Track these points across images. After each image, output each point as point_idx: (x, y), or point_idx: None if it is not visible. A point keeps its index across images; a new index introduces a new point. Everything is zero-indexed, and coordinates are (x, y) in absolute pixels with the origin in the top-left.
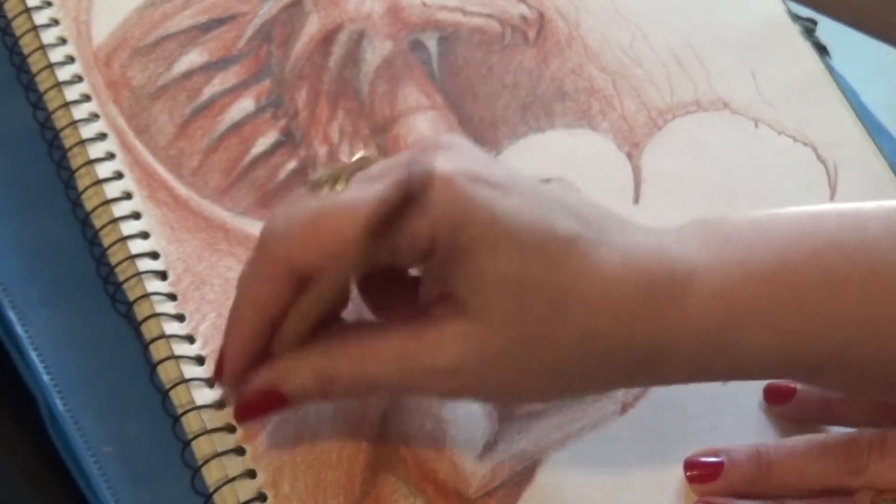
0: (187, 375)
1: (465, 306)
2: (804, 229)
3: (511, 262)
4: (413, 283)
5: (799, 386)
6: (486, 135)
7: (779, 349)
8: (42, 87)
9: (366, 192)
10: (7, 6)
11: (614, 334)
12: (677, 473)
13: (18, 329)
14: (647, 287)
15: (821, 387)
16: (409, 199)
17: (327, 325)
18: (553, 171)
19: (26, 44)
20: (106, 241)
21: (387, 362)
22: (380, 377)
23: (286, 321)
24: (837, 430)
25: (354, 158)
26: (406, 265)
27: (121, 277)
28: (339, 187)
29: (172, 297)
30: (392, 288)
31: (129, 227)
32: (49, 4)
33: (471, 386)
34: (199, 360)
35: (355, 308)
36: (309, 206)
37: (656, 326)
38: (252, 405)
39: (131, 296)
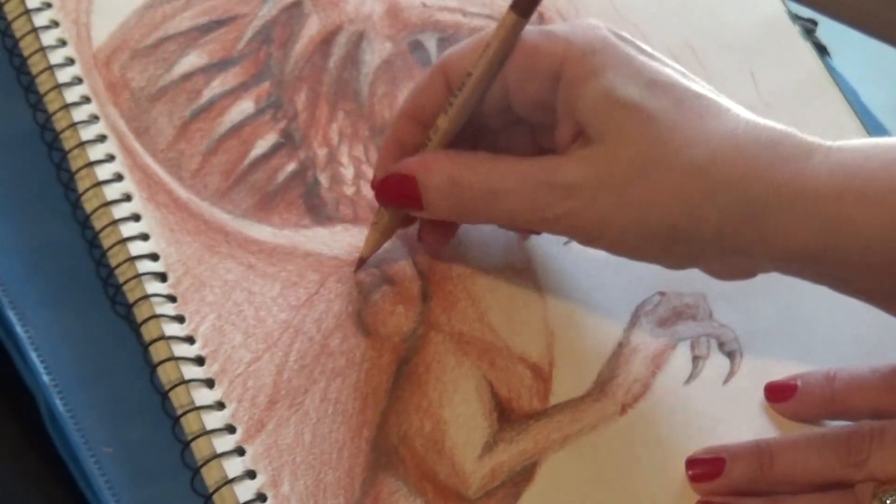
0: (187, 376)
1: (590, 129)
2: None
3: (638, 89)
4: None
5: (800, 382)
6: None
7: (888, 232)
8: (42, 89)
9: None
10: (7, 8)
11: (731, 175)
12: (677, 474)
13: (18, 329)
14: (771, 142)
15: None
16: None
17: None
18: None
19: (26, 45)
20: (106, 243)
21: (512, 175)
22: (506, 189)
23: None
24: (838, 425)
25: None
26: (537, 96)
27: (121, 279)
28: None
29: (172, 298)
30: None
31: (128, 229)
32: (49, 6)
33: (586, 209)
34: (199, 361)
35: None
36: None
37: (773, 178)
38: (389, 186)
39: (131, 297)
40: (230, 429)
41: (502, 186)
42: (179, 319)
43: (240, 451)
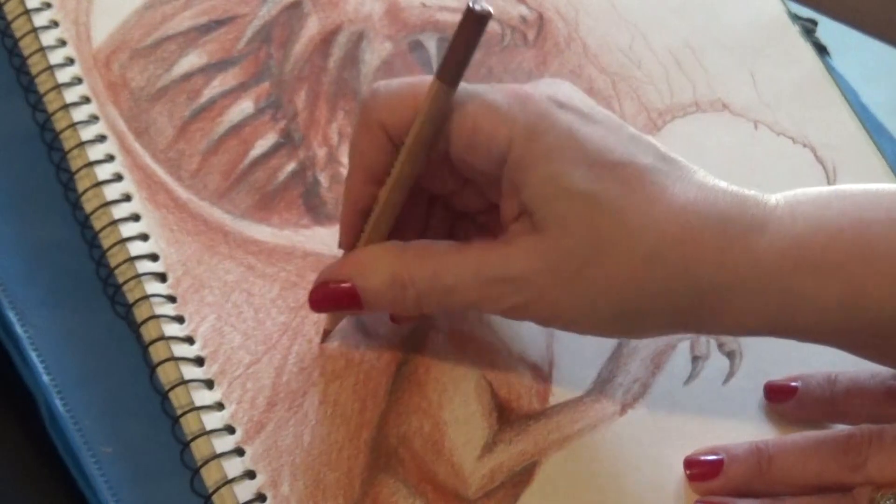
0: (186, 377)
1: (537, 217)
2: (884, 196)
3: (585, 177)
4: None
5: (800, 384)
6: None
7: (843, 302)
8: (42, 89)
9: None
10: (7, 8)
11: (680, 261)
12: (676, 474)
13: (18, 329)
14: (720, 221)
15: (871, 355)
16: (465, 25)
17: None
18: None
19: (26, 45)
20: (106, 243)
21: (461, 270)
22: (453, 285)
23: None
24: (837, 427)
25: None
26: (482, 169)
27: (120, 279)
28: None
29: (172, 298)
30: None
31: (128, 229)
32: (49, 6)
33: (537, 300)
34: (199, 362)
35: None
36: (405, 79)
37: (724, 261)
38: (325, 296)
39: (131, 297)
40: (230, 429)
41: (450, 283)
42: (179, 320)
43: (239, 452)
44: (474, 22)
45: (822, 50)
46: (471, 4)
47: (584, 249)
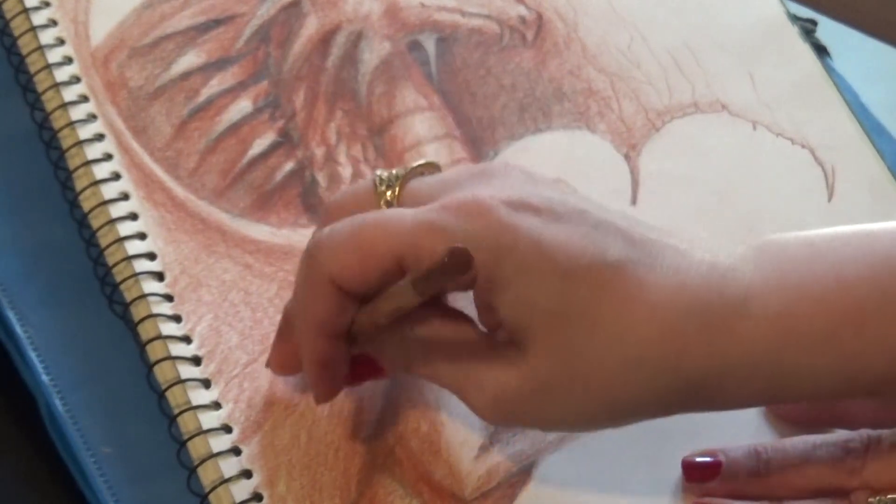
0: (183, 376)
1: (515, 337)
2: (860, 248)
3: (554, 291)
4: None
5: None
6: (483, 136)
7: (838, 372)
8: (40, 88)
9: (406, 218)
10: (5, 6)
11: (664, 362)
12: (674, 474)
13: (18, 329)
14: (700, 313)
15: (879, 403)
16: (446, 272)
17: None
18: (551, 173)
19: (25, 44)
20: (103, 242)
21: (447, 378)
22: (446, 385)
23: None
24: (835, 432)
25: (418, 163)
26: (453, 289)
27: (118, 278)
28: (388, 195)
29: (169, 297)
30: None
31: (126, 228)
32: (47, 5)
33: (518, 414)
34: (196, 361)
35: None
36: (350, 223)
37: (710, 353)
38: (354, 376)
39: (128, 296)
40: (226, 428)
41: (446, 384)
42: (176, 319)
43: (236, 451)
44: (459, 260)
45: (821, 50)
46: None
47: (563, 368)
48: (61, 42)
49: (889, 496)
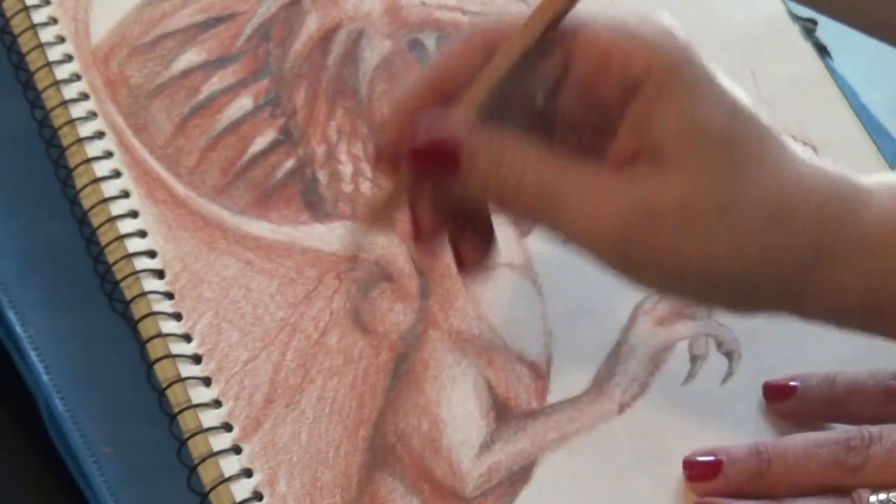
0: (184, 374)
1: (667, 153)
2: None
3: (724, 118)
4: None
5: (799, 384)
6: None
7: None
8: (40, 86)
9: None
10: (6, 4)
11: (803, 223)
12: (675, 474)
13: (18, 329)
14: (836, 186)
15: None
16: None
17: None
18: None
19: (25, 42)
20: (104, 240)
21: (595, 186)
22: (539, 216)
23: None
24: (836, 428)
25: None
26: (604, 95)
27: (118, 276)
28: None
29: (170, 295)
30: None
31: (126, 226)
32: (48, 3)
33: (645, 234)
34: (196, 359)
35: None
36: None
37: (840, 229)
38: (426, 148)
39: (128, 294)
40: (227, 427)
41: (549, 194)
42: (177, 316)
43: (236, 450)
44: None
45: (822, 50)
46: None
47: (717, 196)
48: (61, 40)
49: (891, 493)
